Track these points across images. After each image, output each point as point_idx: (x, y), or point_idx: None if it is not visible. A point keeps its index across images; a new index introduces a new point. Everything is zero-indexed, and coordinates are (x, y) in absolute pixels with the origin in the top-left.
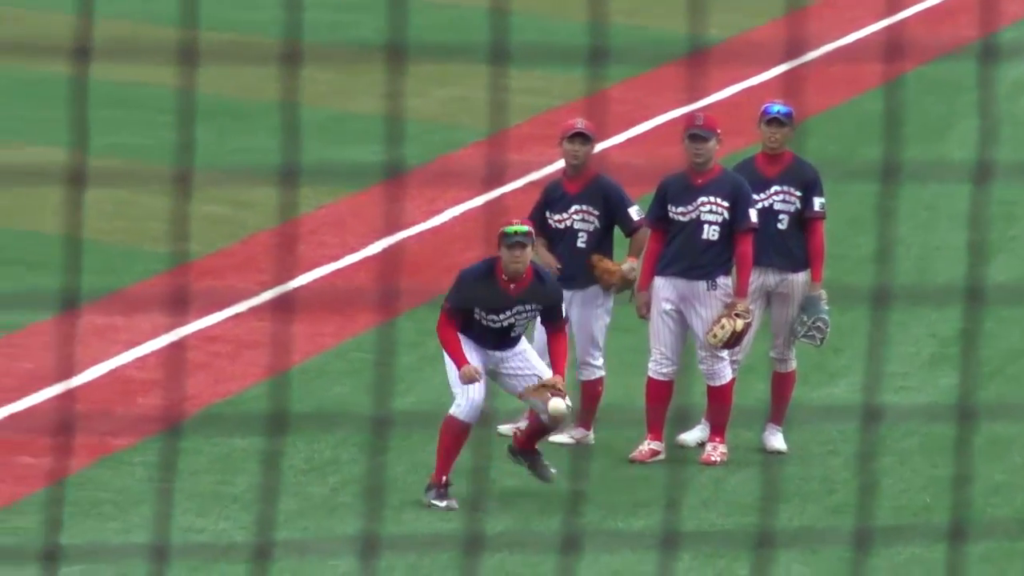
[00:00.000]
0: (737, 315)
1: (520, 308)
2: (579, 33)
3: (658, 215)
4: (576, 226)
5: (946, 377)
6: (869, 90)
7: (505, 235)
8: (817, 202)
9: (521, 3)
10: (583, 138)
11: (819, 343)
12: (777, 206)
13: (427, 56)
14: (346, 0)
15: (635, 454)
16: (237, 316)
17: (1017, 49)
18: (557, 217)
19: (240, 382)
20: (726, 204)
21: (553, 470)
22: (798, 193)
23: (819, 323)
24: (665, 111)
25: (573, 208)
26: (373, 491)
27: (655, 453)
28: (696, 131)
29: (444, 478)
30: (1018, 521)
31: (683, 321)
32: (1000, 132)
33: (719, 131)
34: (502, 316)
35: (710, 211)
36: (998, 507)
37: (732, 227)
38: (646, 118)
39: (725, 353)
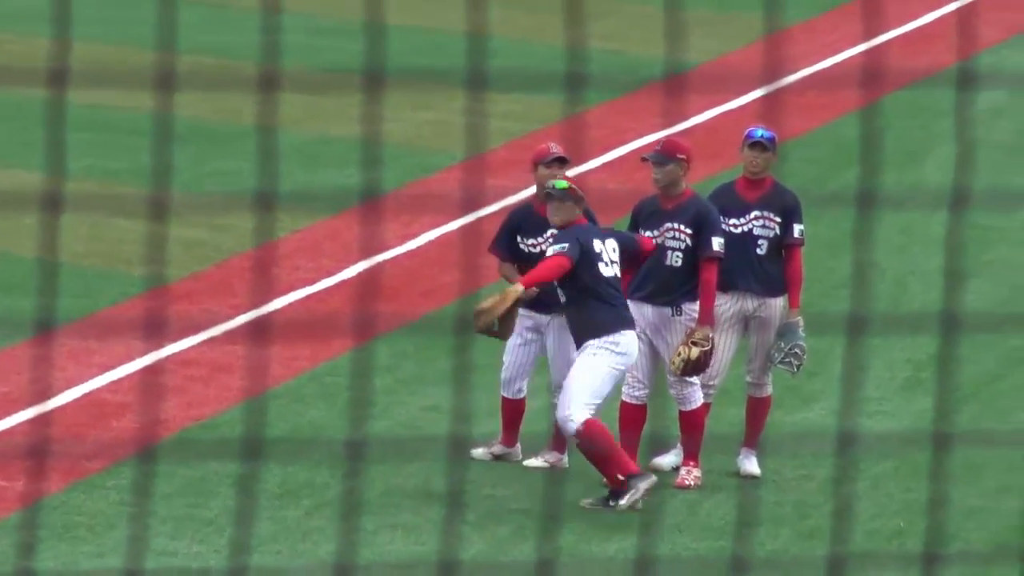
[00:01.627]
0: (694, 343)
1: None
2: (556, 58)
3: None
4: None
5: (921, 402)
6: (846, 115)
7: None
8: (796, 229)
9: (498, 27)
10: (561, 162)
11: (796, 370)
12: (756, 231)
13: (404, 80)
14: (323, 24)
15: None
16: (212, 340)
17: (993, 74)
18: (531, 242)
19: (215, 406)
20: (689, 231)
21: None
22: (777, 219)
23: (796, 350)
24: (642, 136)
25: (549, 232)
26: (347, 515)
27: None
28: (650, 156)
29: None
30: (992, 546)
31: (654, 345)
32: (976, 157)
33: (682, 155)
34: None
35: (673, 237)
36: (972, 532)
37: (696, 254)
38: (623, 143)
39: (695, 378)
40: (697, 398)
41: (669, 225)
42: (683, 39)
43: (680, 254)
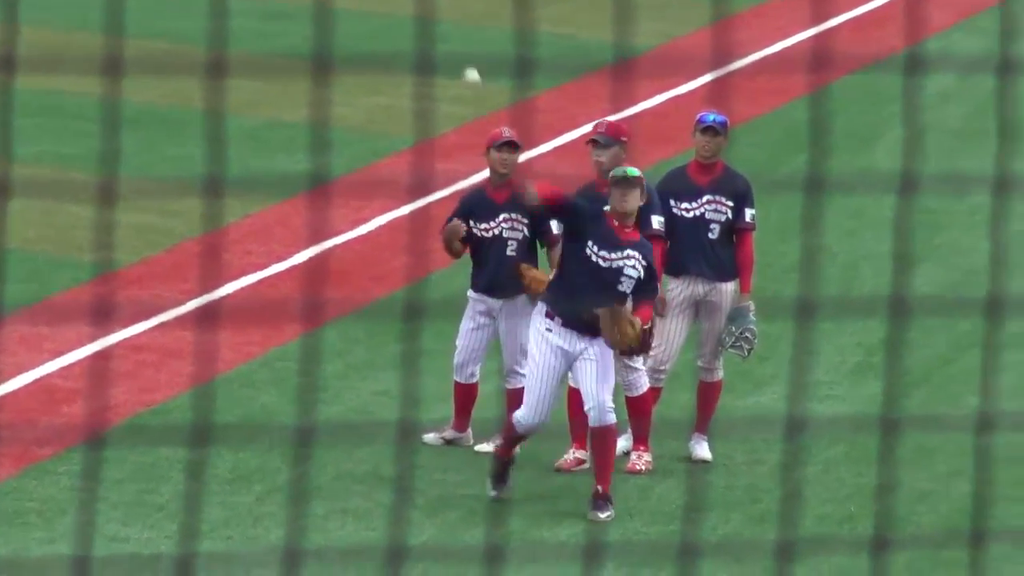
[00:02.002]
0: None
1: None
2: (506, 42)
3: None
4: (505, 234)
5: (871, 386)
6: (796, 99)
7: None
8: (748, 213)
9: (447, 12)
10: (512, 146)
11: (746, 354)
12: (708, 215)
13: (354, 65)
14: (273, 9)
15: (560, 463)
16: (163, 325)
17: (943, 59)
18: (484, 226)
19: (165, 391)
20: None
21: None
22: (729, 203)
23: (747, 334)
24: (592, 120)
25: (502, 216)
26: (298, 500)
27: (580, 462)
28: (596, 137)
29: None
30: (943, 530)
31: None
32: (925, 142)
33: (624, 138)
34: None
35: None
36: (923, 515)
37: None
38: (573, 127)
39: (639, 363)
40: (643, 384)
41: None
42: (633, 23)
43: None
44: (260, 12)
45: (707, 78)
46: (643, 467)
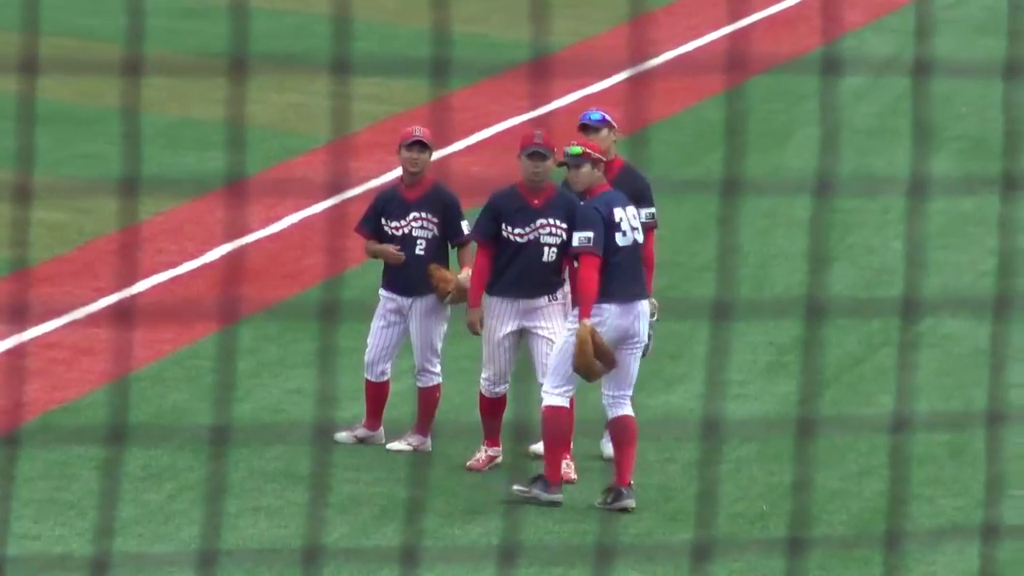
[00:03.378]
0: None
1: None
2: (420, 40)
3: (490, 232)
4: (415, 233)
5: (784, 385)
6: (709, 98)
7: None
8: (645, 212)
9: (362, 10)
10: (421, 145)
11: (645, 353)
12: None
13: (268, 63)
14: (187, 7)
15: (472, 462)
16: (75, 323)
17: (856, 58)
18: (395, 224)
19: (78, 389)
20: (564, 226)
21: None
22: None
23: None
24: (506, 119)
25: (412, 215)
26: (210, 498)
27: (492, 460)
28: (537, 149)
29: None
30: (855, 528)
31: (517, 338)
32: (839, 141)
33: (555, 150)
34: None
35: (549, 233)
36: (835, 514)
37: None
38: (487, 125)
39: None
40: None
41: (543, 221)
42: (547, 22)
43: (556, 249)
44: (175, 10)
45: (621, 77)
46: (575, 476)
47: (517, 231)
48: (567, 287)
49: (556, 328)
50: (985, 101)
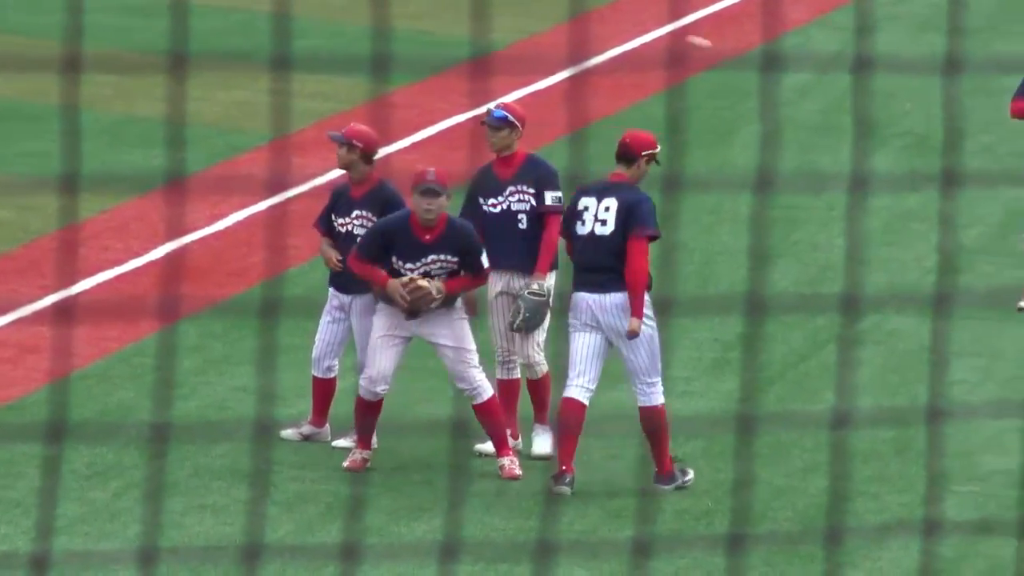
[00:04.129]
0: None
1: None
2: (363, 37)
3: (379, 258)
4: (356, 231)
5: (728, 382)
6: (653, 95)
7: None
8: (549, 196)
9: (304, 7)
10: (351, 146)
11: (516, 326)
12: (514, 207)
13: (211, 60)
14: (129, 4)
15: (348, 464)
16: (19, 321)
17: (799, 55)
18: (340, 221)
19: (22, 387)
20: (455, 259)
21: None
22: (531, 191)
23: (521, 306)
24: (449, 116)
25: (354, 213)
26: (155, 496)
27: (366, 462)
28: (430, 186)
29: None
30: (799, 525)
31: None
32: (782, 138)
33: (449, 187)
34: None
35: (440, 268)
36: (779, 511)
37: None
38: (430, 123)
39: (477, 375)
40: (486, 391)
41: (434, 256)
42: (490, 19)
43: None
44: (116, 7)
45: (565, 74)
46: (520, 471)
47: (408, 266)
48: (459, 302)
49: (449, 335)
50: (929, 97)
